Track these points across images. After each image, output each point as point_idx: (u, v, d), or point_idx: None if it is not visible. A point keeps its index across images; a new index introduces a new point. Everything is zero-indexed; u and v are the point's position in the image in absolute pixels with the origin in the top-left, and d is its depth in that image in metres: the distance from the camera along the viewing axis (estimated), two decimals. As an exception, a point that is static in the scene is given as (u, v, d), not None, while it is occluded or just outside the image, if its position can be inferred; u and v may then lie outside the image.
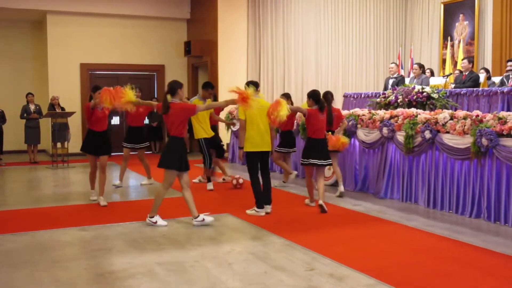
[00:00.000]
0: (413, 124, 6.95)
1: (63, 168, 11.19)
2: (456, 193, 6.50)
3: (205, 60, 13.50)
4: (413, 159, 7.14)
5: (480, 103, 8.00)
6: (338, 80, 13.93)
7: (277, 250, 5.02)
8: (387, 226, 5.94)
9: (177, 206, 7.09)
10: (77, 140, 13.28)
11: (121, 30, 13.91)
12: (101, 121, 7.13)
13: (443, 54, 13.19)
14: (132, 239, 5.45)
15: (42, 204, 7.34)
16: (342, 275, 4.26)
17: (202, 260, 4.70)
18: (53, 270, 4.47)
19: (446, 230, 5.71)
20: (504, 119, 5.83)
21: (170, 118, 5.79)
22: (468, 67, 9.38)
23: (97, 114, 7.01)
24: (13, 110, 12.68)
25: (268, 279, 4.20)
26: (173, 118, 5.79)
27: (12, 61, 14.26)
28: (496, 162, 5.97)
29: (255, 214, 6.49)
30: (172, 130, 5.84)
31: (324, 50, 13.78)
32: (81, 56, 13.52)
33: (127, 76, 13.69)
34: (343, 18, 14.01)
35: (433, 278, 4.22)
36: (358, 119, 7.95)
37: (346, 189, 8.19)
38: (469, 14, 12.66)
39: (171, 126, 5.84)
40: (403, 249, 5.04)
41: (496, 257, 4.78)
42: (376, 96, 9.53)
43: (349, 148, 8.24)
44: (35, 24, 14.36)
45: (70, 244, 5.30)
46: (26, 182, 9.71)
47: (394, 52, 14.45)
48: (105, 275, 4.34)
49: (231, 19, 12.87)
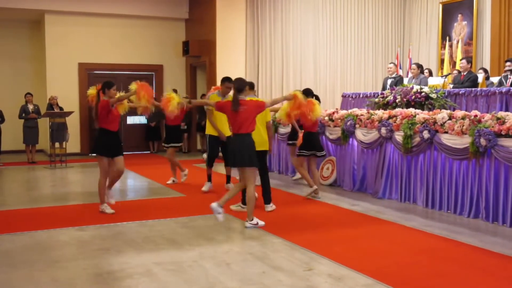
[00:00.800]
0: (412, 124, 6.95)
1: (61, 168, 11.18)
2: (454, 193, 6.50)
3: (204, 60, 13.49)
4: (411, 159, 7.14)
5: (478, 103, 8.01)
6: (337, 80, 13.93)
7: (276, 250, 5.02)
8: (385, 226, 5.94)
9: (176, 206, 7.10)
10: (75, 140, 13.30)
11: (119, 30, 13.90)
12: (117, 120, 6.61)
13: (442, 54, 13.21)
14: (130, 239, 5.44)
15: (40, 204, 7.33)
16: (340, 275, 4.26)
17: (201, 260, 4.69)
18: (51, 270, 4.46)
19: (444, 230, 5.71)
20: (502, 119, 5.83)
21: (243, 115, 5.77)
22: (466, 67, 9.39)
23: (114, 112, 6.50)
24: (11, 110, 12.65)
25: (267, 279, 4.20)
26: (246, 114, 5.77)
27: (10, 61, 14.24)
28: (494, 162, 5.97)
29: (241, 210, 6.55)
30: (244, 127, 5.80)
31: (322, 50, 13.78)
32: (79, 56, 13.51)
33: (125, 76, 13.67)
34: (342, 18, 14.01)
35: (431, 278, 4.22)
36: (357, 119, 7.95)
37: (344, 189, 8.20)
38: (467, 14, 12.67)
39: (243, 122, 5.78)
40: (402, 249, 5.04)
41: (494, 257, 4.78)
42: (375, 96, 9.54)
43: (348, 148, 8.24)
44: (33, 24, 14.33)
45: (69, 244, 5.30)
46: (24, 182, 9.70)
47: (393, 52, 14.46)
48: (104, 275, 4.33)
49: (230, 19, 12.86)
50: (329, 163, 8.66)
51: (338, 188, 8.38)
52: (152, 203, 7.32)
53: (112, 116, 6.48)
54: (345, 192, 7.99)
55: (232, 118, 5.86)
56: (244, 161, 5.83)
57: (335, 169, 8.49)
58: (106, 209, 6.59)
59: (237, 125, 5.83)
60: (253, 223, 5.87)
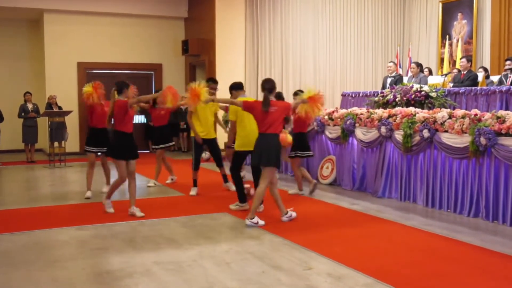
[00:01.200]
0: (412, 123, 6.94)
1: (60, 167, 11.16)
2: (454, 192, 6.49)
3: (203, 59, 13.48)
4: (411, 158, 7.13)
5: (478, 102, 7.99)
6: (336, 79, 13.92)
7: (275, 249, 5.01)
8: (385, 226, 5.93)
9: (175, 205, 7.09)
10: (74, 139, 13.28)
11: (118, 28, 13.88)
12: (132, 120, 6.41)
13: (442, 53, 13.20)
14: (129, 238, 5.43)
15: (40, 204, 7.31)
16: (340, 274, 4.25)
17: (200, 259, 4.68)
18: (50, 269, 4.45)
19: (444, 229, 5.70)
20: (502, 118, 5.82)
21: (273, 115, 5.84)
22: (466, 66, 9.38)
23: (130, 113, 6.29)
24: (10, 109, 12.65)
25: (266, 278, 4.19)
26: (277, 115, 5.85)
27: (9, 60, 14.23)
28: (494, 161, 5.96)
29: (239, 209, 6.56)
30: (273, 127, 5.86)
31: (322, 48, 13.77)
32: (78, 55, 13.49)
33: (124, 75, 13.66)
34: (341, 17, 14.00)
35: (431, 277, 4.21)
36: (356, 118, 7.94)
37: (344, 188, 8.19)
38: (467, 13, 12.66)
39: (272, 123, 5.84)
40: (401, 248, 5.03)
41: (494, 256, 4.78)
42: (375, 95, 9.52)
43: (347, 147, 8.24)
44: (32, 23, 14.32)
45: (68, 244, 5.28)
46: (23, 182, 9.68)
47: (392, 51, 14.45)
48: (103, 274, 4.32)
49: (229, 17, 12.85)
50: (328, 162, 8.66)
51: (338, 187, 8.37)
52: (152, 203, 7.30)
53: (128, 117, 6.30)
54: (345, 191, 7.98)
55: (261, 118, 5.89)
56: (271, 161, 5.88)
57: (335, 168, 8.48)
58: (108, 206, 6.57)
59: (265, 125, 5.88)
60: (254, 221, 5.87)
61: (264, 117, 5.85)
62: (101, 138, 7.51)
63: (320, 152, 8.90)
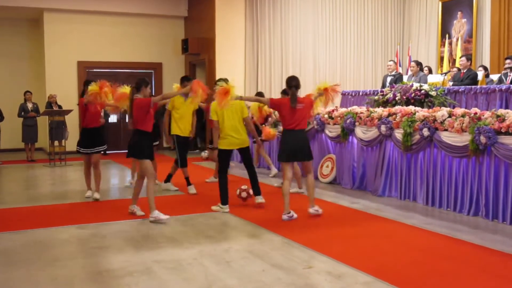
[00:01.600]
0: (411, 121, 6.94)
1: (61, 166, 11.17)
2: (454, 191, 6.49)
3: (203, 57, 13.48)
4: (411, 156, 7.13)
5: (478, 100, 8.00)
6: (336, 77, 13.88)
7: (275, 248, 5.01)
8: (385, 224, 5.94)
9: (175, 204, 7.08)
10: (74, 138, 13.24)
11: (118, 28, 13.88)
12: (152, 119, 6.27)
13: (441, 51, 13.19)
14: (130, 237, 5.43)
15: (40, 202, 7.32)
16: (340, 273, 4.25)
17: (200, 258, 4.68)
18: (50, 268, 4.45)
19: (444, 228, 5.70)
20: (502, 117, 5.82)
21: (301, 111, 6.02)
22: (466, 64, 9.38)
23: (151, 112, 6.15)
24: (10, 108, 12.65)
25: (266, 277, 4.19)
26: (304, 111, 6.06)
27: (9, 59, 14.23)
28: (494, 160, 5.96)
29: (220, 210, 6.56)
30: (302, 123, 6.07)
31: (322, 47, 13.77)
32: (78, 54, 13.49)
33: (124, 74, 13.68)
34: (341, 16, 14.00)
35: (431, 275, 4.21)
36: (356, 117, 7.94)
37: (344, 187, 8.19)
38: (467, 11, 12.65)
39: (301, 119, 6.03)
40: (401, 247, 5.03)
41: (494, 255, 4.78)
42: (374, 93, 9.52)
43: (347, 145, 8.24)
44: (32, 22, 14.31)
45: (68, 242, 5.29)
46: (23, 181, 9.68)
47: (392, 49, 14.45)
48: (103, 273, 4.32)
49: (229, 16, 12.84)
50: (328, 161, 8.66)
51: (338, 186, 8.37)
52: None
53: (149, 116, 6.15)
54: (345, 190, 7.98)
55: (289, 115, 6.02)
56: (309, 155, 6.15)
57: (335, 167, 8.48)
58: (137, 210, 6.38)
59: (294, 121, 6.02)
60: (290, 215, 6.07)
61: (292, 114, 6.00)
62: (92, 137, 7.41)
63: (320, 151, 8.90)
